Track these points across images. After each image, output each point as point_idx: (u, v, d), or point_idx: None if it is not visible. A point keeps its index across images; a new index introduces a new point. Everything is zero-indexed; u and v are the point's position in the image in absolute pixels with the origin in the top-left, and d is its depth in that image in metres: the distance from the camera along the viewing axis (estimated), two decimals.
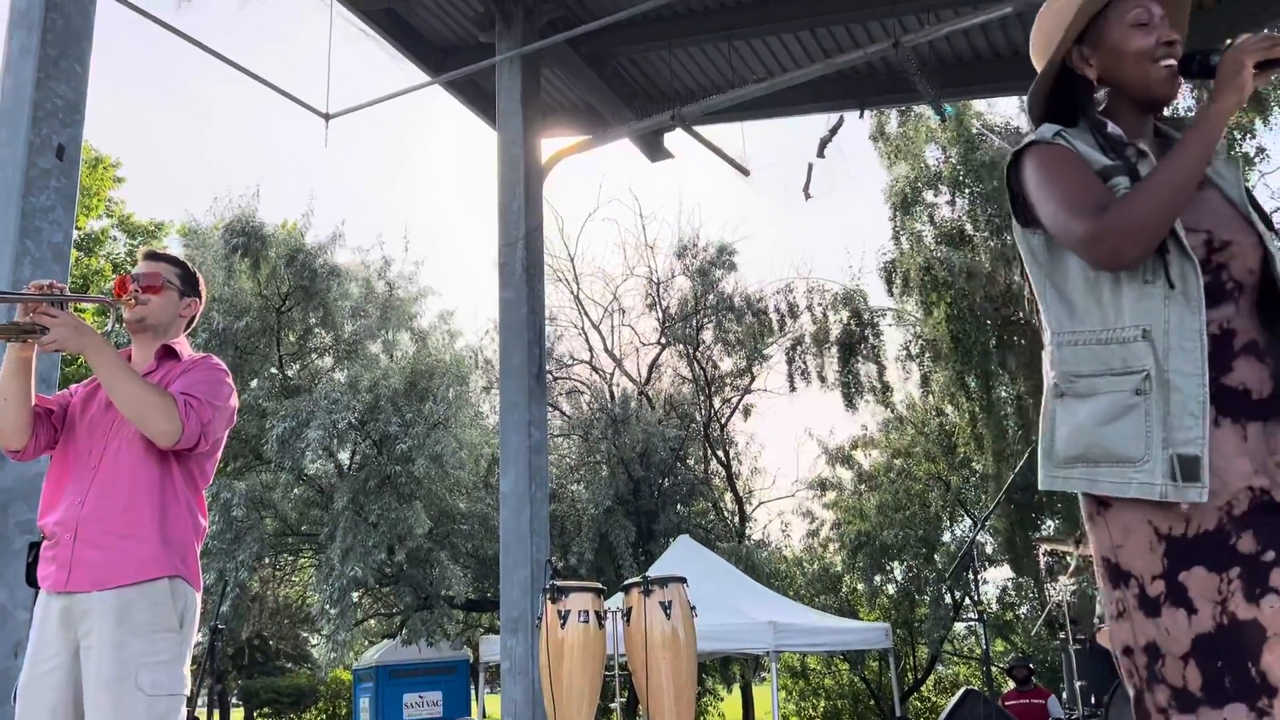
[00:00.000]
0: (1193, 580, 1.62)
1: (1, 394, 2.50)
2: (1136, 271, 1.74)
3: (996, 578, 20.98)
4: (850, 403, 19.20)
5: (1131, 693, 1.72)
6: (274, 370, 17.71)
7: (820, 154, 8.36)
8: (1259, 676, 1.56)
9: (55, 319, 2.42)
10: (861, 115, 8.71)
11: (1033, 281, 1.91)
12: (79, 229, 20.90)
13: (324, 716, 30.36)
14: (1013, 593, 20.88)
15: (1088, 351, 1.77)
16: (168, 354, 2.71)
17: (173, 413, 2.45)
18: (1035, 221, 1.87)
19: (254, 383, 17.19)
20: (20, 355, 2.49)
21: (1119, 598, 1.72)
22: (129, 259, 21.94)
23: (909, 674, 21.44)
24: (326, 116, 7.38)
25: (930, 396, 19.25)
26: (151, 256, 2.80)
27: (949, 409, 18.91)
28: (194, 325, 2.90)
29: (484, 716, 17.39)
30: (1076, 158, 1.84)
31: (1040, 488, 1.85)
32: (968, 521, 19.78)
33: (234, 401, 2.68)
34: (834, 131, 8.34)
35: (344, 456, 16.88)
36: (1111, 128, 1.88)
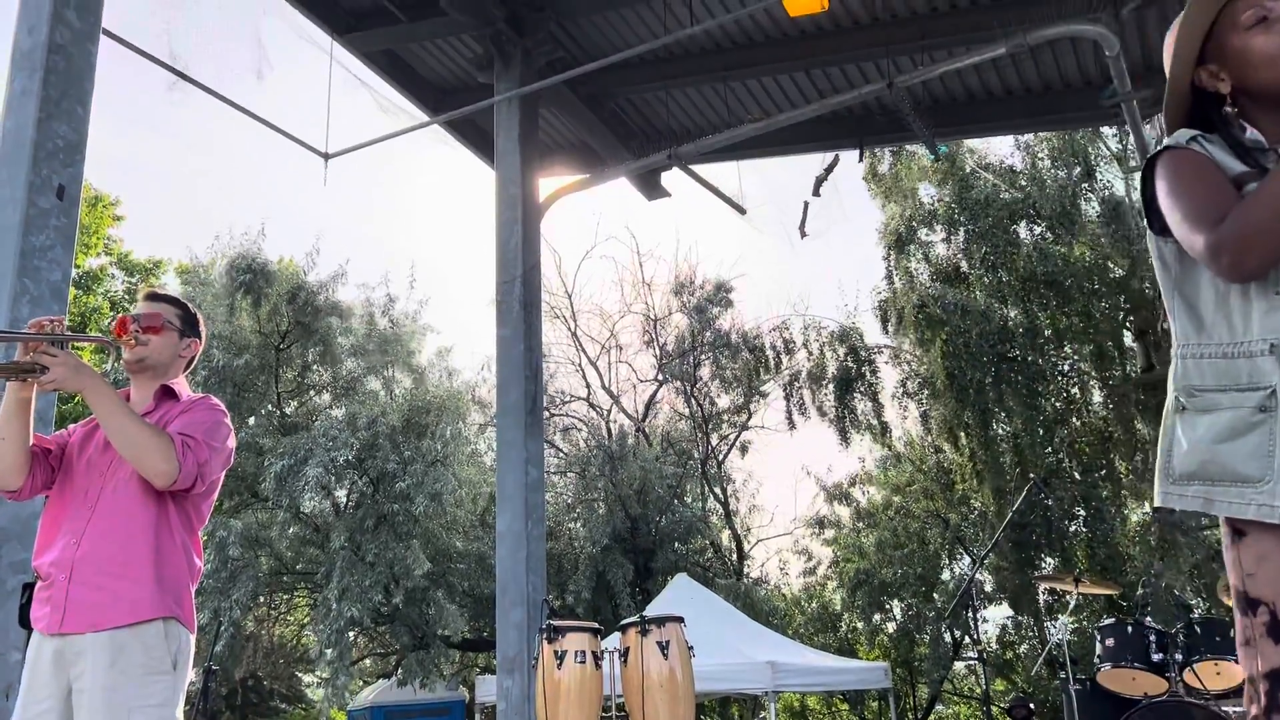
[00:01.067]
0: None
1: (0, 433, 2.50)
2: (1267, 283, 1.67)
3: (996, 616, 20.83)
4: (846, 440, 19.19)
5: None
6: (272, 407, 17.70)
7: (816, 193, 8.44)
8: None
9: (55, 358, 2.42)
10: (860, 158, 8.80)
11: (1162, 290, 1.87)
12: (77, 267, 20.96)
13: None
14: (1012, 631, 20.72)
15: (1211, 365, 1.71)
16: (166, 394, 2.71)
17: (170, 453, 2.45)
18: (1168, 229, 1.80)
19: (252, 420, 17.17)
20: (19, 395, 2.49)
21: (1246, 624, 1.67)
22: (127, 297, 21.98)
23: (909, 714, 21.22)
24: (326, 156, 7.43)
25: (929, 434, 19.24)
26: (152, 297, 2.81)
27: (947, 446, 18.89)
28: (193, 365, 2.90)
29: None
30: (1209, 164, 1.77)
31: (1155, 504, 1.81)
32: (967, 559, 19.69)
33: (231, 443, 2.68)
34: (829, 170, 8.42)
35: (341, 495, 16.82)
36: (1251, 133, 1.81)
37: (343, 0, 7.96)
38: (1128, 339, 17.07)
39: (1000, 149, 18.06)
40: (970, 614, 7.03)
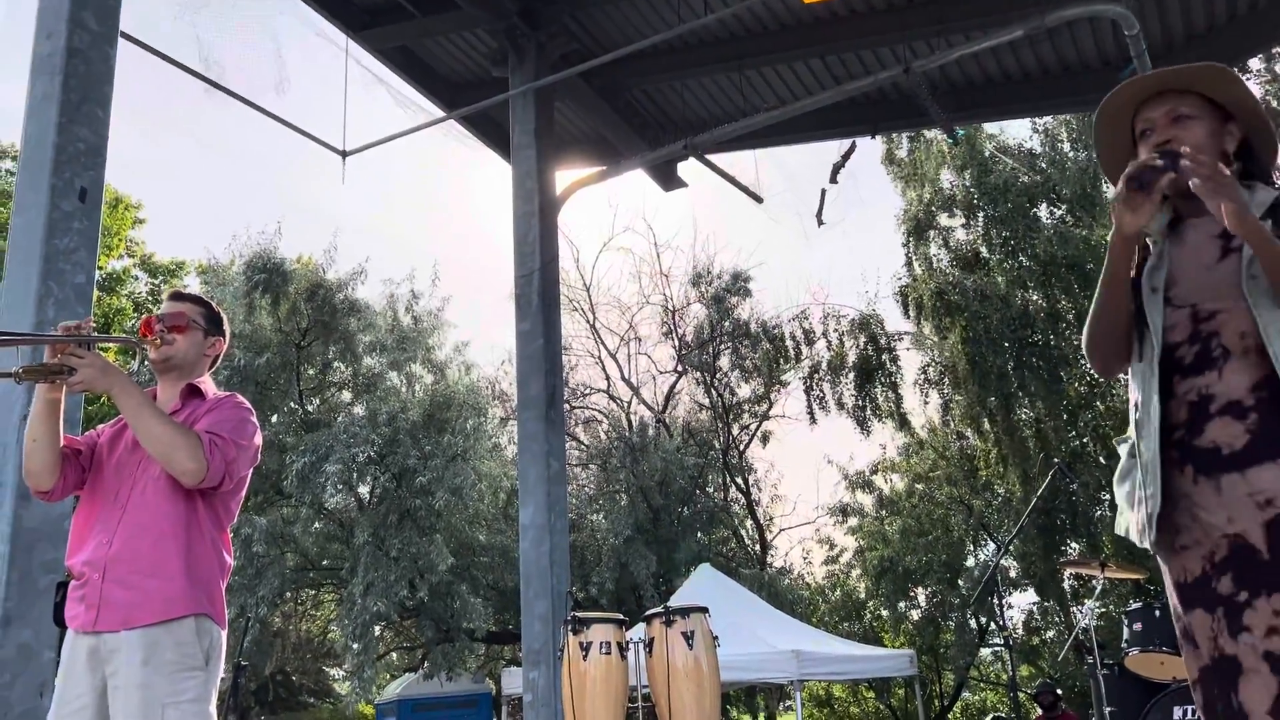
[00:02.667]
0: (1195, 620, 1.85)
1: (31, 435, 2.53)
2: (1137, 356, 2.02)
3: (1021, 602, 20.76)
4: (866, 430, 19.13)
5: None
6: (294, 405, 17.81)
7: (833, 180, 8.38)
8: (1238, 706, 1.76)
9: (82, 359, 2.45)
10: (874, 136, 8.74)
11: None
12: (100, 269, 21.13)
13: None
14: (1038, 617, 20.64)
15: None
16: (193, 393, 2.73)
17: (198, 451, 2.47)
18: None
19: (274, 418, 17.29)
20: (49, 396, 2.52)
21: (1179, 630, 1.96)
22: (150, 298, 22.16)
23: (935, 701, 21.18)
24: (344, 154, 7.46)
25: (951, 420, 19.15)
26: (176, 297, 2.83)
27: (969, 432, 18.80)
28: (217, 364, 2.92)
29: None
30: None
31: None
32: (991, 545, 19.61)
33: (258, 440, 2.70)
34: (846, 157, 8.37)
35: (364, 490, 16.92)
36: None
37: None
38: None
39: (1019, 132, 17.94)
40: (996, 600, 7.00)
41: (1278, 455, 1.76)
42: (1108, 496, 16.38)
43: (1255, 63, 15.57)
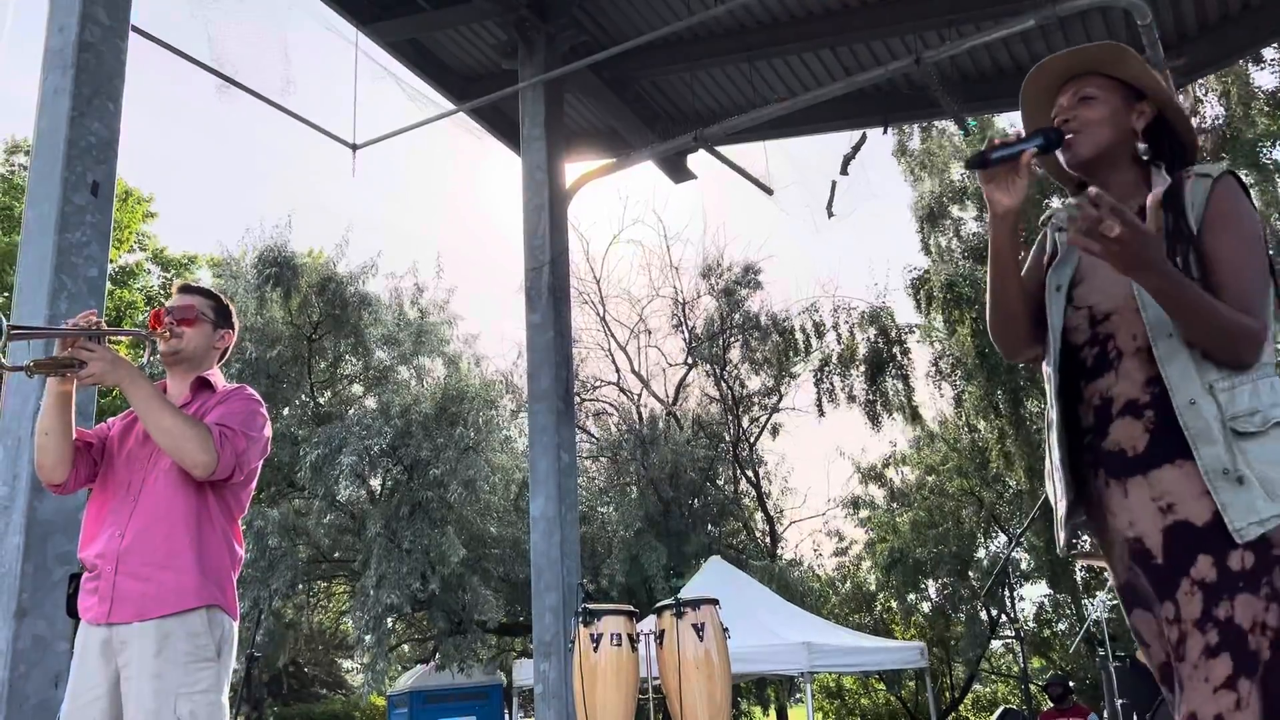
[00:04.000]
0: (1137, 620, 1.86)
1: (43, 428, 2.54)
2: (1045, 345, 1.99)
3: (1033, 594, 20.73)
4: (877, 424, 19.09)
5: None
6: (305, 398, 17.86)
7: (844, 171, 8.36)
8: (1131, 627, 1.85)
9: (93, 353, 2.46)
10: (885, 132, 8.71)
11: None
12: (112, 262, 21.22)
13: None
14: (1049, 609, 20.60)
15: None
16: (202, 385, 2.74)
17: (208, 444, 2.48)
18: None
19: (286, 411, 17.35)
20: (60, 389, 2.53)
21: None
22: (162, 292, 22.25)
23: (946, 693, 21.17)
24: (354, 146, 7.47)
25: (962, 413, 19.10)
26: (185, 289, 2.84)
27: (980, 424, 18.75)
28: (227, 356, 2.93)
29: None
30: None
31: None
32: (1002, 538, 19.56)
33: (268, 432, 2.71)
34: (857, 149, 8.34)
35: (375, 483, 16.96)
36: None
37: None
38: None
39: None
40: (1007, 592, 6.99)
41: (1175, 456, 1.74)
42: None
43: (1270, 52, 15.46)
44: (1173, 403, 1.74)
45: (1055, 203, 17.37)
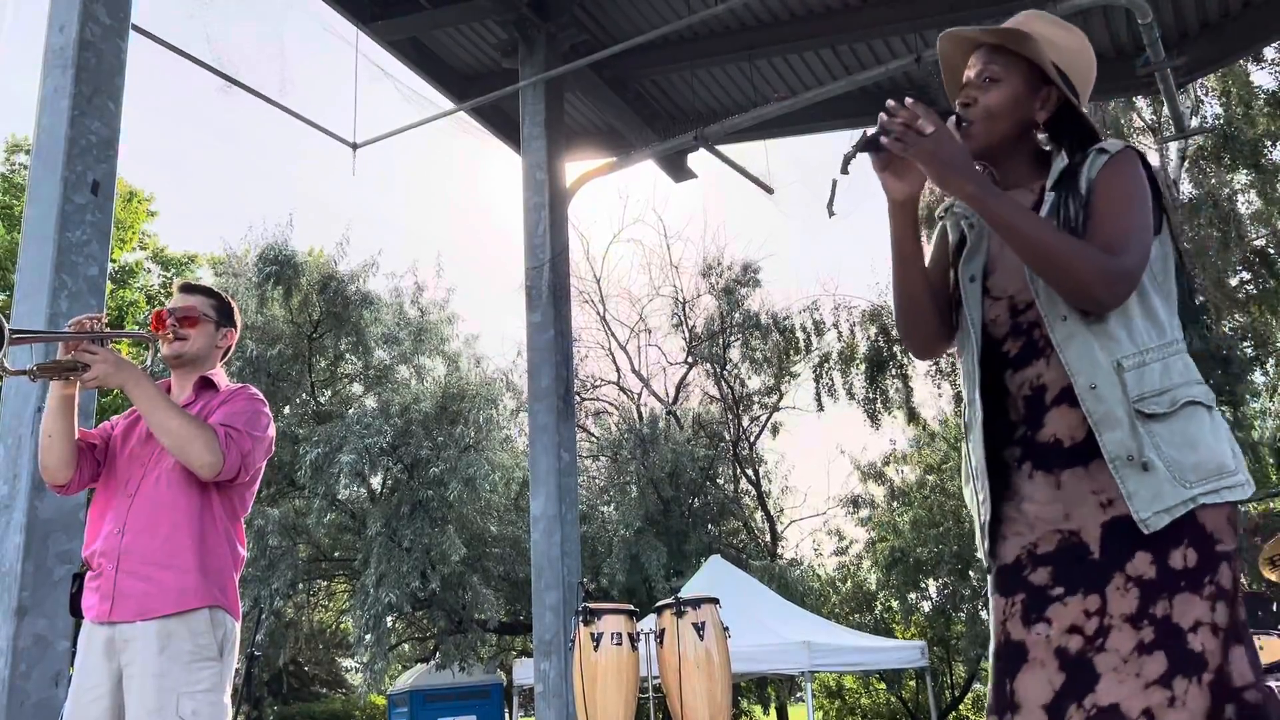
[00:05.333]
0: (993, 605, 1.76)
1: (46, 431, 2.55)
2: (961, 341, 1.88)
3: None
4: (876, 422, 19.09)
5: None
6: (306, 396, 17.88)
7: (844, 170, 8.33)
8: (1010, 694, 1.67)
9: (96, 355, 2.46)
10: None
11: None
12: (113, 262, 21.21)
13: None
14: None
15: None
16: (206, 385, 2.74)
17: (214, 444, 2.48)
18: None
19: (286, 409, 17.36)
20: (63, 392, 2.53)
21: None
22: (163, 291, 22.25)
23: (947, 692, 21.18)
24: (354, 146, 7.47)
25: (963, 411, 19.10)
26: (187, 289, 2.83)
27: None
28: (229, 355, 2.93)
29: None
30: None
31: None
32: None
33: (272, 431, 2.71)
34: (858, 147, 8.32)
35: (376, 482, 16.97)
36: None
37: None
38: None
39: None
40: None
41: None
42: None
43: (1270, 51, 15.46)
44: (1075, 388, 1.66)
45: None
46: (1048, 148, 1.90)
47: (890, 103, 1.76)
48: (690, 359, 20.98)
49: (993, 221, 1.70)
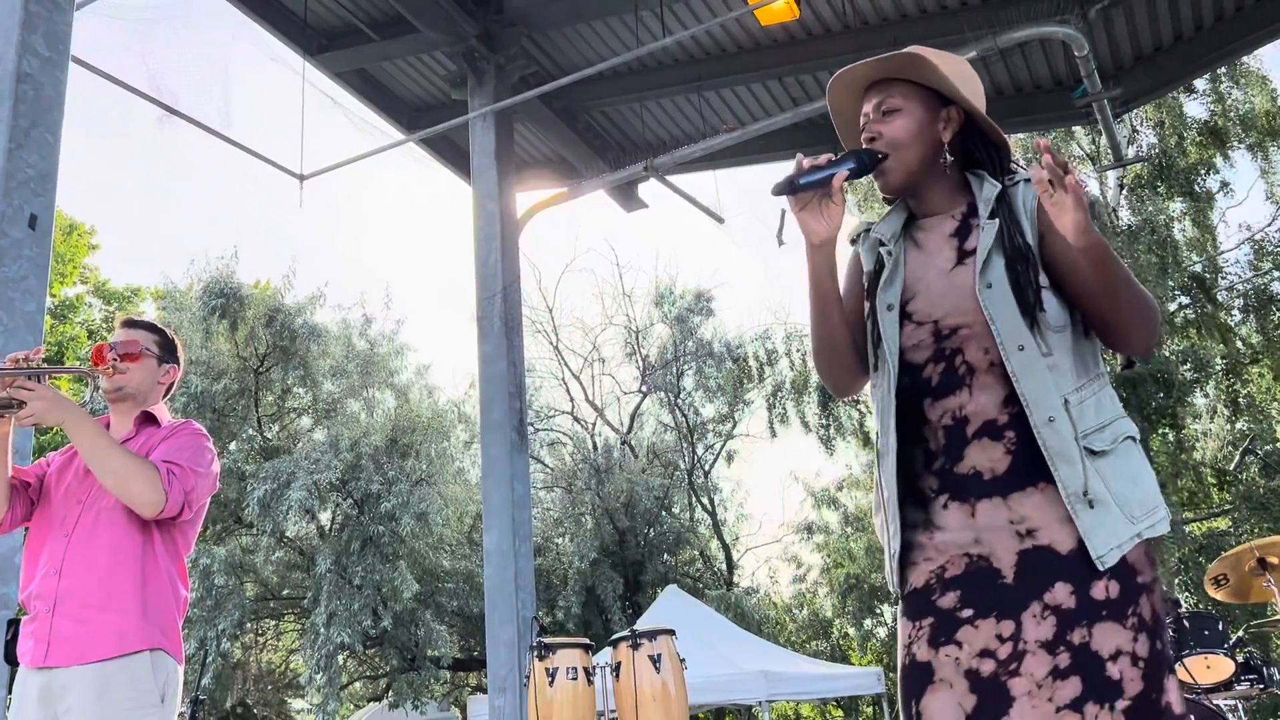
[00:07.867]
0: (900, 630, 1.76)
1: None
2: (877, 369, 1.84)
3: None
4: (830, 449, 19.22)
5: None
6: (252, 432, 17.57)
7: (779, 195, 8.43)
8: (917, 716, 1.68)
9: (32, 392, 2.39)
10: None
11: None
12: (53, 296, 20.79)
13: None
14: None
15: None
16: (147, 420, 2.68)
17: (156, 481, 2.41)
18: None
19: (233, 445, 17.04)
20: None
21: None
22: (104, 325, 21.82)
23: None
24: (301, 177, 7.40)
25: None
26: (130, 324, 2.77)
27: None
28: (172, 391, 2.86)
29: None
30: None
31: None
32: None
33: (216, 467, 2.65)
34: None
35: (325, 518, 16.69)
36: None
37: (314, 20, 7.94)
38: None
39: None
40: None
41: (1038, 479, 1.64)
42: None
43: (1201, 83, 15.95)
44: (1030, 420, 1.64)
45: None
46: (957, 168, 1.88)
47: (799, 155, 1.80)
48: (644, 388, 20.99)
49: (1104, 261, 1.63)
